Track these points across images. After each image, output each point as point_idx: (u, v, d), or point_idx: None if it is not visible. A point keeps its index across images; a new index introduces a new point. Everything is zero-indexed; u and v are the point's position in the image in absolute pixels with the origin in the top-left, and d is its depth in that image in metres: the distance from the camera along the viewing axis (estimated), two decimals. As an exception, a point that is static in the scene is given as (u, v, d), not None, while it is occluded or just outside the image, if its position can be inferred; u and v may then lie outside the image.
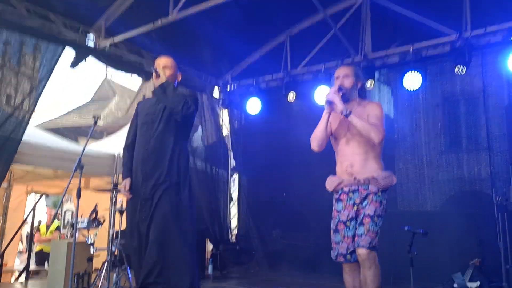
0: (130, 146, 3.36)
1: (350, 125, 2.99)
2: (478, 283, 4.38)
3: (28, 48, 5.37)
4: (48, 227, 8.00)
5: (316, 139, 3.08)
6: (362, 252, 2.83)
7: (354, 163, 2.97)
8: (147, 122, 3.27)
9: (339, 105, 2.94)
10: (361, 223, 2.87)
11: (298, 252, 7.16)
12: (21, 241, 9.81)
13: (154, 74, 3.27)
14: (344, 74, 3.09)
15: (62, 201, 4.83)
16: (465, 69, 5.43)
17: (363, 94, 3.17)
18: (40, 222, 9.27)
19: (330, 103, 2.97)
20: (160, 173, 3.09)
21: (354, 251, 2.90)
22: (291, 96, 6.83)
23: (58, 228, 8.16)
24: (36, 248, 8.17)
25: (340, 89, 3.01)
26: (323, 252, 6.62)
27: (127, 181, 3.22)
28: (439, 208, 5.80)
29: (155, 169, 3.10)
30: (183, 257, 3.06)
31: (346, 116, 2.91)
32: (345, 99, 3.01)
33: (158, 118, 3.22)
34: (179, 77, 3.43)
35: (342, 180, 3.01)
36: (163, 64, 3.29)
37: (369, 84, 5.73)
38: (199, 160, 7.57)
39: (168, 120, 3.21)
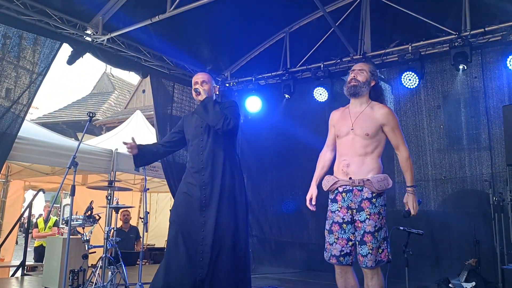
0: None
1: (355, 123, 2.97)
2: (474, 283, 4.35)
3: (28, 42, 5.34)
4: (46, 222, 7.99)
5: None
6: (367, 271, 2.83)
7: (351, 163, 2.92)
8: (197, 135, 3.47)
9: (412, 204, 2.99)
10: (363, 242, 2.81)
11: (296, 250, 7.15)
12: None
13: (194, 92, 3.46)
14: (360, 68, 3.14)
15: (56, 198, 4.80)
16: (463, 67, 5.42)
17: (374, 95, 3.12)
18: (40, 215, 9.23)
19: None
20: (218, 182, 3.35)
21: (347, 254, 2.88)
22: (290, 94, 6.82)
23: (56, 223, 8.15)
24: (35, 243, 8.17)
25: (352, 80, 3.06)
26: (320, 250, 6.63)
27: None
28: (442, 208, 5.78)
29: (211, 178, 3.33)
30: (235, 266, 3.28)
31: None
32: (355, 92, 3.04)
33: (207, 132, 3.43)
34: (216, 89, 3.67)
35: (338, 179, 2.97)
36: (201, 80, 3.50)
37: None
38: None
39: (216, 133, 3.39)
